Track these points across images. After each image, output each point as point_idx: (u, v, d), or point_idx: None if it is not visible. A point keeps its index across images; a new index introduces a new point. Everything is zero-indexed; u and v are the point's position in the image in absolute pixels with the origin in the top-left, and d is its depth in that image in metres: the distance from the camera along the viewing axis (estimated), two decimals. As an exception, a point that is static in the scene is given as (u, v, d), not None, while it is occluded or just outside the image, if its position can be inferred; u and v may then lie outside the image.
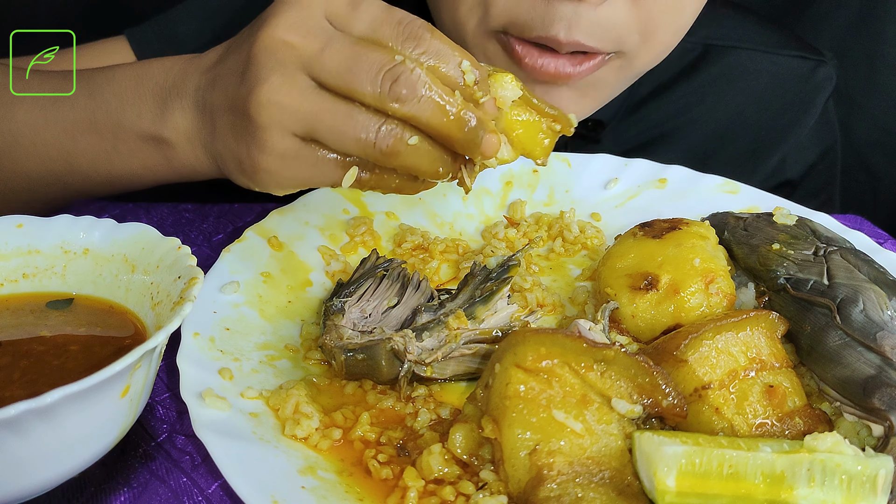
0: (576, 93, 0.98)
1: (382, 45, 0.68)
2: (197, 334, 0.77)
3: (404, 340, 0.76)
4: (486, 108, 0.71)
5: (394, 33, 0.68)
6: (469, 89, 0.69)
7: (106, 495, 0.67)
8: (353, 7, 0.69)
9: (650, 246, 0.85)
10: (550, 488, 0.61)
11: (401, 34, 0.68)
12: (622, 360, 0.66)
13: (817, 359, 0.75)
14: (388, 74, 0.66)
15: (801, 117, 1.31)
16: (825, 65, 1.30)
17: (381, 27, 0.69)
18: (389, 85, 0.66)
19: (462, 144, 0.69)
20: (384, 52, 0.67)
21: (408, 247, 0.99)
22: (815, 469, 0.59)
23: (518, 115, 0.74)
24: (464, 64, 0.69)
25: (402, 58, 0.67)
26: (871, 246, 0.94)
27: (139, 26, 1.16)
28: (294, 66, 0.68)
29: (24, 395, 0.54)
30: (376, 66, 0.66)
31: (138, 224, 0.75)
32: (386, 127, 0.68)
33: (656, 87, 1.24)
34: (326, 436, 0.71)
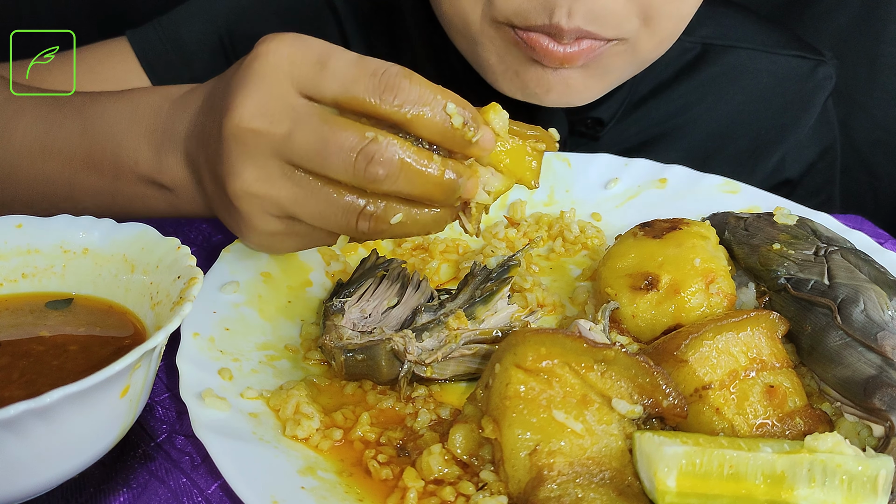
0: (583, 73, 0.98)
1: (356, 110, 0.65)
2: (196, 334, 0.77)
3: (404, 341, 0.76)
4: (484, 145, 0.68)
5: (369, 88, 0.64)
6: (459, 132, 0.66)
7: (105, 496, 0.67)
8: (322, 67, 0.65)
9: (650, 246, 0.85)
10: (551, 489, 0.61)
11: (377, 87, 0.64)
12: (622, 361, 0.66)
13: (818, 359, 0.75)
14: (360, 156, 0.64)
15: (801, 117, 1.31)
16: (825, 64, 1.30)
17: (354, 84, 0.64)
18: (364, 167, 0.64)
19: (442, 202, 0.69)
20: (353, 131, 0.64)
21: (408, 247, 0.99)
22: (816, 469, 0.59)
23: (502, 146, 0.71)
24: (449, 107, 0.65)
25: (374, 133, 0.64)
26: (872, 246, 0.94)
27: (140, 28, 1.15)
28: (265, 154, 0.66)
29: (23, 396, 0.54)
30: (346, 147, 0.64)
31: (138, 224, 0.75)
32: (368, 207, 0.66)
33: (656, 86, 1.24)
34: (327, 436, 0.71)
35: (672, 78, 1.25)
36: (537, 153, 0.73)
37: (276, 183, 0.67)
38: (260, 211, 0.68)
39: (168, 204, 0.81)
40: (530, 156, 0.73)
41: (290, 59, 0.65)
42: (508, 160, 0.71)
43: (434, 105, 0.65)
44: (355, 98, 0.64)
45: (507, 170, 0.72)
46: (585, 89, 1.01)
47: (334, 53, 0.66)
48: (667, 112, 1.26)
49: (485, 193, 0.71)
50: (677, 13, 0.98)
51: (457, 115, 0.66)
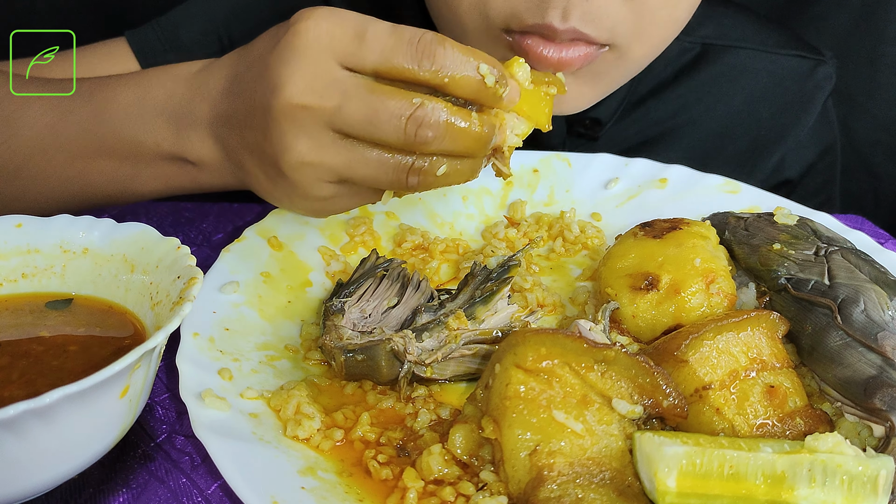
0: (575, 81, 0.98)
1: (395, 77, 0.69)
2: (196, 334, 0.77)
3: (404, 341, 0.76)
4: (512, 98, 0.73)
5: (408, 56, 0.68)
6: (491, 90, 0.70)
7: (105, 496, 0.67)
8: (361, 40, 0.68)
9: (651, 246, 0.85)
10: (551, 489, 0.61)
11: (415, 55, 0.68)
12: (623, 361, 0.66)
13: (818, 359, 0.75)
14: (410, 122, 0.68)
15: (801, 117, 1.31)
16: (825, 64, 1.30)
17: (393, 54, 0.68)
18: (415, 131, 0.68)
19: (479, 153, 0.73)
20: (401, 99, 0.68)
21: (408, 247, 0.99)
22: (816, 469, 0.58)
23: None
24: (482, 68, 0.70)
25: (420, 99, 0.68)
26: (872, 246, 0.94)
27: (139, 28, 1.15)
28: (317, 126, 0.69)
29: (23, 396, 0.54)
30: (396, 114, 0.68)
31: (138, 224, 0.75)
32: (416, 163, 0.71)
33: (656, 86, 1.24)
34: (328, 436, 0.71)
35: (672, 78, 1.24)
36: (549, 97, 0.79)
37: (330, 152, 0.70)
38: (314, 179, 0.72)
39: (191, 180, 0.84)
40: (543, 101, 0.79)
41: (330, 34, 0.68)
42: (527, 106, 0.77)
43: (468, 67, 0.69)
44: (395, 67, 0.68)
45: (527, 114, 0.78)
46: (579, 96, 1.01)
47: (370, 25, 0.69)
48: (666, 112, 1.26)
49: (514, 137, 0.77)
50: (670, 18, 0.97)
51: (489, 75, 0.70)
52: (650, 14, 0.94)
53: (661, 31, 0.98)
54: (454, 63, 0.69)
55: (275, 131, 0.70)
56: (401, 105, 0.68)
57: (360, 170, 0.71)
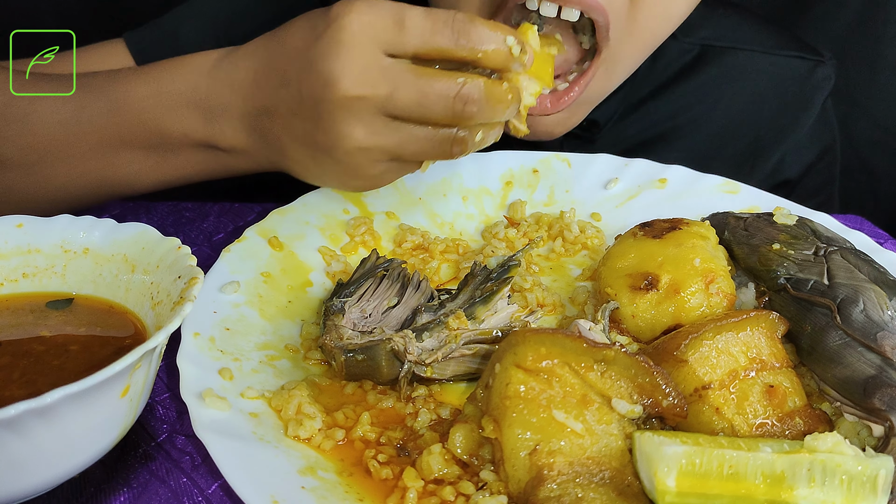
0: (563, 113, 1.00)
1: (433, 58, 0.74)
2: (197, 334, 0.77)
3: (404, 341, 0.76)
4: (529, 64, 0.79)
5: (446, 37, 0.74)
6: (515, 59, 0.77)
7: (106, 495, 0.67)
8: (401, 27, 0.74)
9: (650, 246, 0.85)
10: (550, 488, 0.61)
11: (452, 35, 0.74)
12: (622, 361, 0.66)
13: (817, 359, 0.75)
14: (457, 100, 0.74)
15: (800, 117, 1.31)
16: (823, 65, 1.29)
17: (432, 37, 0.74)
18: (462, 108, 0.75)
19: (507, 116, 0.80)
20: (446, 80, 0.74)
21: (408, 247, 0.99)
22: (816, 469, 0.59)
23: None
24: (509, 40, 0.76)
25: (463, 78, 0.74)
26: (872, 246, 0.94)
27: (138, 29, 1.15)
28: (370, 113, 0.75)
29: (23, 395, 0.54)
30: (444, 95, 0.74)
31: (138, 224, 0.75)
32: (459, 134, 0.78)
33: (655, 88, 1.24)
34: (329, 436, 0.71)
35: (671, 79, 1.25)
36: (551, 58, 0.87)
37: (383, 135, 0.76)
38: (369, 161, 0.78)
39: (221, 165, 0.87)
40: (547, 61, 0.86)
41: (372, 25, 0.73)
42: (535, 67, 0.82)
43: (498, 40, 0.76)
44: (434, 48, 0.74)
45: (536, 75, 0.83)
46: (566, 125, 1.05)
47: (406, 12, 0.74)
48: (666, 113, 1.26)
49: (529, 97, 0.82)
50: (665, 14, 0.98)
51: (515, 46, 0.76)
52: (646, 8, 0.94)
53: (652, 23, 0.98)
54: (486, 38, 0.75)
55: (330, 122, 0.75)
56: (447, 85, 0.74)
57: (411, 147, 0.77)
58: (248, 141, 0.83)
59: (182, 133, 0.83)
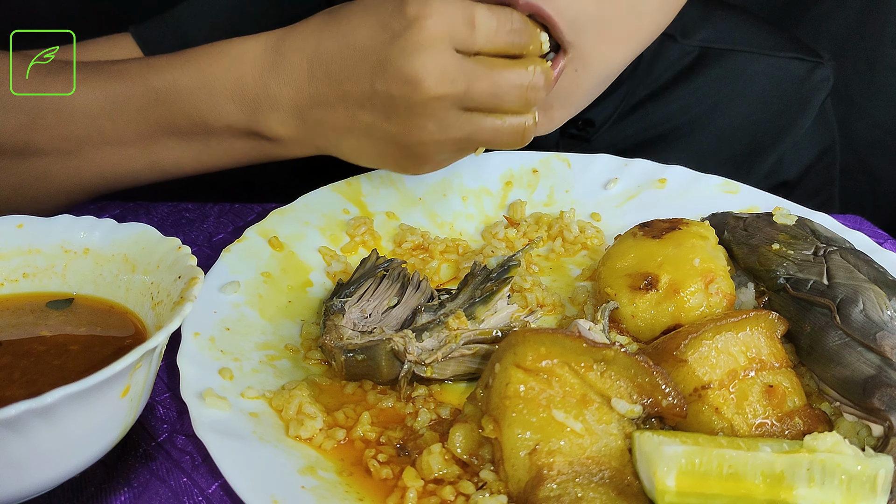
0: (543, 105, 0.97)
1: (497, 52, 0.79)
2: (197, 334, 0.77)
3: (404, 341, 0.76)
4: None
5: (507, 37, 0.79)
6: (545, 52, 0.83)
7: (106, 495, 0.67)
8: (472, 27, 0.78)
9: (650, 246, 0.85)
10: (550, 488, 0.61)
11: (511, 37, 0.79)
12: (622, 360, 0.66)
13: (817, 359, 0.75)
14: (530, 88, 0.79)
15: (798, 119, 1.31)
16: (822, 66, 1.29)
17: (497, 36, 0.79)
18: (534, 95, 0.80)
19: None
20: (518, 70, 0.79)
21: (408, 247, 0.99)
22: (815, 469, 0.59)
23: None
24: (542, 36, 0.82)
25: (532, 66, 0.80)
26: (871, 246, 0.94)
27: (144, 23, 1.15)
28: (447, 108, 0.79)
29: (24, 395, 0.54)
30: (517, 85, 0.79)
31: (138, 224, 0.76)
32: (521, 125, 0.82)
33: (654, 89, 1.24)
34: (330, 436, 0.71)
35: (670, 81, 1.25)
36: None
37: (454, 128, 0.80)
38: (440, 150, 0.83)
39: (264, 153, 0.89)
40: None
41: (448, 25, 0.77)
42: None
43: (536, 37, 0.82)
44: (497, 46, 0.79)
45: None
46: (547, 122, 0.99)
47: (476, 11, 0.78)
48: (664, 115, 1.26)
49: None
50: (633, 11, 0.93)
51: (546, 44, 0.83)
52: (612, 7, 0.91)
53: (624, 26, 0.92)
54: (531, 36, 0.81)
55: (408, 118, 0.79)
56: (520, 75, 0.79)
57: (481, 136, 0.82)
58: (297, 131, 0.85)
59: (226, 124, 0.85)
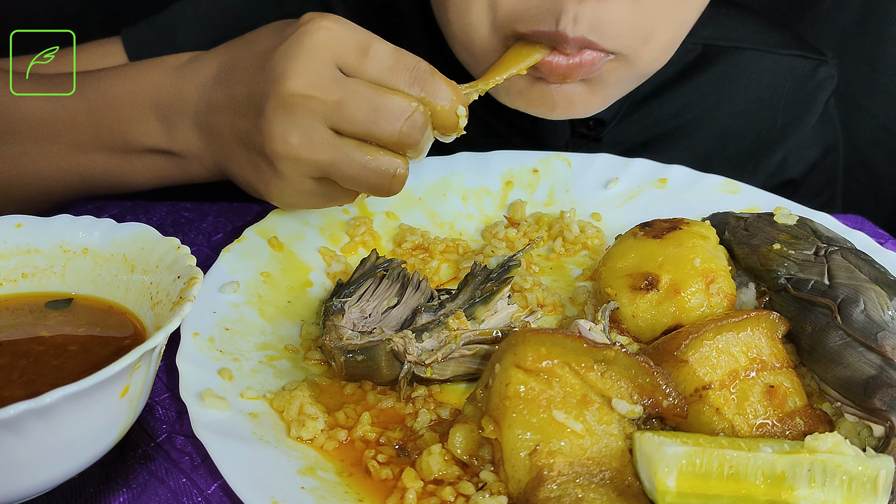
0: (584, 88, 0.98)
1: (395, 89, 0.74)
2: (196, 334, 0.77)
3: (404, 341, 0.76)
4: None
5: (403, 79, 0.74)
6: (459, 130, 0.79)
7: (105, 496, 0.67)
8: (364, 53, 0.74)
9: (651, 246, 0.85)
10: (550, 489, 0.61)
11: (409, 79, 0.75)
12: (622, 361, 0.66)
13: (818, 359, 0.75)
14: (407, 122, 0.74)
15: (803, 116, 1.31)
16: (826, 64, 1.30)
17: (391, 73, 0.74)
18: (410, 132, 0.74)
19: None
20: (403, 99, 0.74)
21: (408, 247, 0.99)
22: (816, 469, 0.59)
23: None
24: (460, 109, 0.77)
25: (416, 103, 0.74)
26: (872, 246, 0.94)
27: (135, 26, 1.15)
28: (313, 119, 0.73)
29: (23, 396, 0.54)
30: (397, 114, 0.74)
31: (138, 224, 0.75)
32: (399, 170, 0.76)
33: (658, 87, 1.24)
34: (332, 437, 0.71)
35: (674, 78, 1.25)
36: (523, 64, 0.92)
37: (319, 148, 0.74)
38: (298, 172, 0.76)
39: (180, 171, 0.87)
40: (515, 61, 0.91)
41: (338, 40, 0.73)
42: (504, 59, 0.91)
43: (451, 104, 0.77)
44: (389, 85, 0.74)
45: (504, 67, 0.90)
46: (588, 104, 1.01)
47: (374, 42, 0.74)
48: (669, 112, 1.26)
49: None
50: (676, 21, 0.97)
51: (463, 118, 0.78)
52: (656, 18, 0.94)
53: (668, 35, 0.98)
54: (441, 96, 0.76)
55: (270, 120, 0.73)
56: (401, 105, 0.73)
57: (346, 169, 0.75)
58: (199, 142, 0.82)
59: (142, 133, 0.84)
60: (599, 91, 1.01)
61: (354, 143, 0.74)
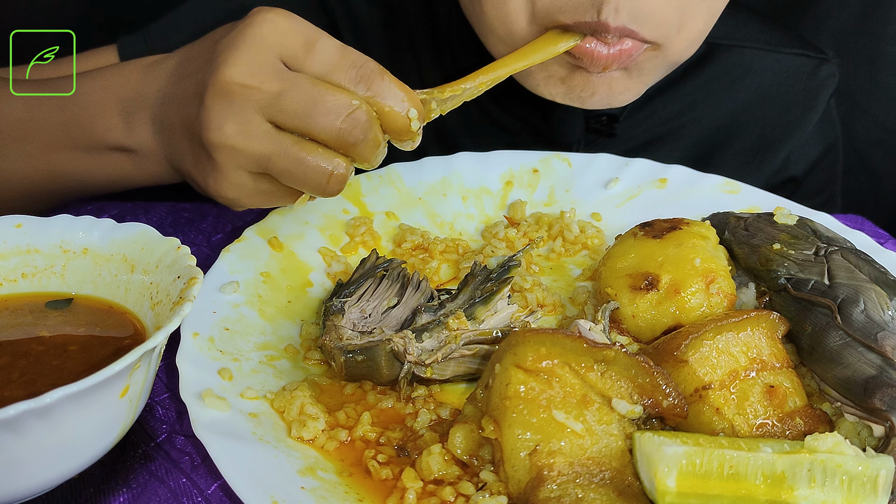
0: (623, 75, 0.99)
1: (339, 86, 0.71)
2: (196, 334, 0.77)
3: (404, 342, 0.76)
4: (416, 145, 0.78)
5: (348, 76, 0.71)
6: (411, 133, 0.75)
7: (105, 496, 0.67)
8: (309, 48, 0.71)
9: (651, 246, 0.85)
10: (550, 489, 0.61)
11: (354, 77, 0.72)
12: (622, 361, 0.66)
13: (818, 359, 0.75)
14: (347, 119, 0.70)
15: (805, 115, 1.31)
16: (828, 62, 1.30)
17: (336, 70, 0.71)
18: (350, 129, 0.71)
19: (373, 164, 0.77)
20: (343, 96, 0.71)
21: (408, 247, 0.99)
22: (816, 469, 0.59)
23: None
24: (411, 112, 0.74)
25: (359, 101, 0.71)
26: (872, 246, 0.94)
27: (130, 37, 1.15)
28: (251, 109, 0.71)
29: (23, 396, 0.54)
30: (335, 110, 0.70)
31: (137, 224, 0.75)
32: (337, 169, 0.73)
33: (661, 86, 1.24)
34: (332, 437, 0.71)
35: (678, 76, 1.25)
36: None
37: (255, 140, 0.71)
38: (234, 165, 0.73)
39: (137, 169, 0.85)
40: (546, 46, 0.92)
41: (283, 32, 0.71)
42: None
43: (400, 106, 0.73)
44: (333, 82, 0.71)
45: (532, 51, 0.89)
46: (626, 91, 1.02)
47: (321, 37, 0.72)
48: (673, 110, 1.26)
49: None
50: (709, 12, 0.99)
51: (415, 121, 0.74)
52: (691, 7, 0.95)
53: (700, 24, 0.99)
54: (389, 96, 0.73)
55: (207, 107, 0.72)
56: (342, 102, 0.70)
57: (282, 163, 0.72)
58: (154, 137, 0.81)
59: (104, 129, 0.83)
60: (636, 77, 1.01)
61: (292, 137, 0.72)
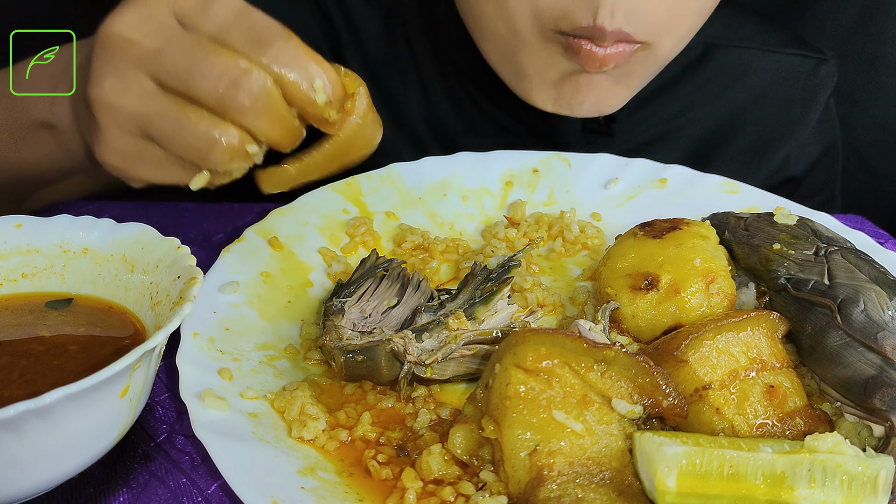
0: (610, 79, 1.00)
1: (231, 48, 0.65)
2: (196, 334, 0.77)
3: (404, 342, 0.76)
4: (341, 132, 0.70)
5: (242, 38, 0.65)
6: (319, 108, 0.66)
7: (105, 496, 0.67)
8: (205, 6, 0.66)
9: (651, 246, 0.85)
10: (550, 489, 0.61)
11: (250, 39, 0.65)
12: (622, 361, 0.66)
13: (818, 359, 0.75)
14: (231, 83, 0.63)
15: (805, 114, 1.31)
16: (826, 62, 1.30)
17: (230, 30, 0.65)
18: (233, 94, 0.63)
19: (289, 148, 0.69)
20: (228, 58, 0.64)
21: (408, 247, 0.99)
22: (816, 469, 0.58)
23: None
24: (316, 83, 0.65)
25: (248, 65, 0.64)
26: (872, 246, 0.94)
27: None
28: (131, 64, 0.66)
29: (23, 396, 0.54)
30: (218, 71, 0.63)
31: (138, 224, 0.75)
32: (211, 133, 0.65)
33: (660, 85, 1.24)
34: (333, 437, 0.71)
35: (676, 77, 1.25)
36: None
37: (134, 97, 0.66)
38: (114, 124, 0.67)
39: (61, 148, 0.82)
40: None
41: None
42: None
43: (302, 74, 0.65)
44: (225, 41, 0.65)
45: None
46: (614, 96, 1.02)
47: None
48: (672, 111, 1.26)
49: None
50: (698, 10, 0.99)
51: (321, 93, 0.65)
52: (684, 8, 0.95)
53: (690, 23, 0.99)
54: (288, 63, 0.65)
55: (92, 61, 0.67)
56: (226, 64, 0.63)
57: (161, 123, 0.66)
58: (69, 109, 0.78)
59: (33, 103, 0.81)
60: (624, 82, 1.02)
61: (174, 98, 0.65)
